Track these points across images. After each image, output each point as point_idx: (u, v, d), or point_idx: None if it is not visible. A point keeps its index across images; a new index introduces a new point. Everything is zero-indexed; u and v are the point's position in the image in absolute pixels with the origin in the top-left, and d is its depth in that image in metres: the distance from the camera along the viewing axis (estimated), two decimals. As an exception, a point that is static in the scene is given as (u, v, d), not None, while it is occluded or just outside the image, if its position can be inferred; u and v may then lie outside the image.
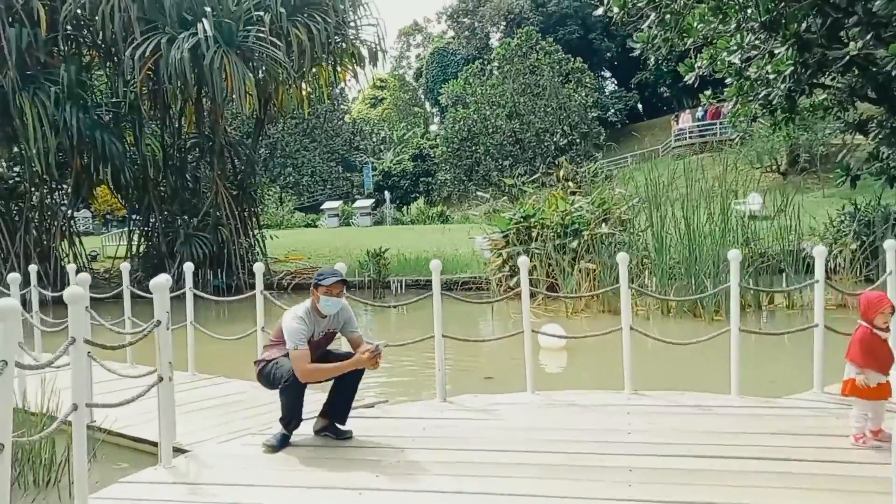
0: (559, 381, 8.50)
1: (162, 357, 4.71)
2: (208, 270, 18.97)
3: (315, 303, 5.22)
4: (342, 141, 48.97)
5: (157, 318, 4.75)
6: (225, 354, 9.37)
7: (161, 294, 4.74)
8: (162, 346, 4.72)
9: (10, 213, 18.49)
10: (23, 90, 16.40)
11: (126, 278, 8.57)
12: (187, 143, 20.47)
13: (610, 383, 6.67)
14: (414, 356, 9.51)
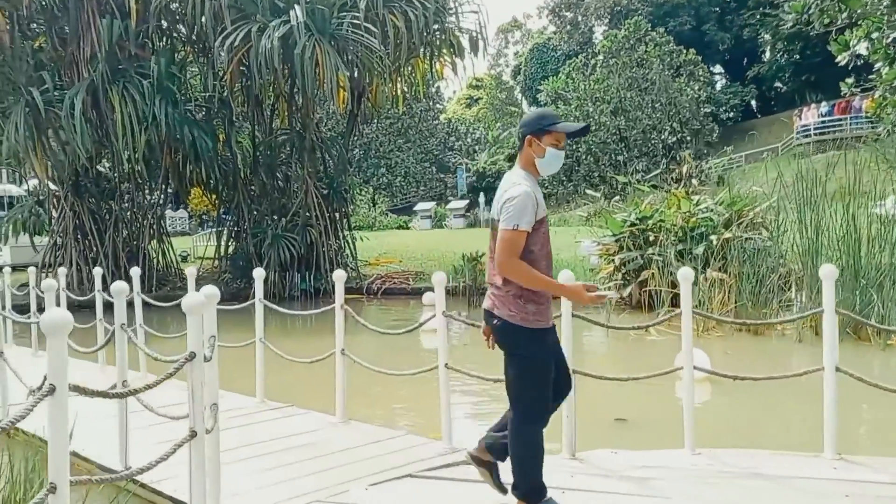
0: (713, 428, 6.79)
1: (195, 404, 3.44)
2: (295, 273, 18.13)
3: (533, 159, 3.60)
4: (437, 141, 48.03)
5: (189, 350, 3.49)
6: (303, 375, 8.16)
7: (196, 317, 3.47)
8: (195, 388, 3.45)
9: (100, 211, 18.24)
10: (113, 84, 16.01)
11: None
12: (278, 140, 19.75)
13: (787, 437, 4.97)
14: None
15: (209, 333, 3.90)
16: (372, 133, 43.24)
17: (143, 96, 15.98)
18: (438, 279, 5.20)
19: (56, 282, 6.87)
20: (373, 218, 35.94)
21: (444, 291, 5.28)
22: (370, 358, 6.30)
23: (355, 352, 6.17)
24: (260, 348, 6.57)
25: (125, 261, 17.77)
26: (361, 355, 6.27)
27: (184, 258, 22.17)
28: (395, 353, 9.68)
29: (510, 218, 3.42)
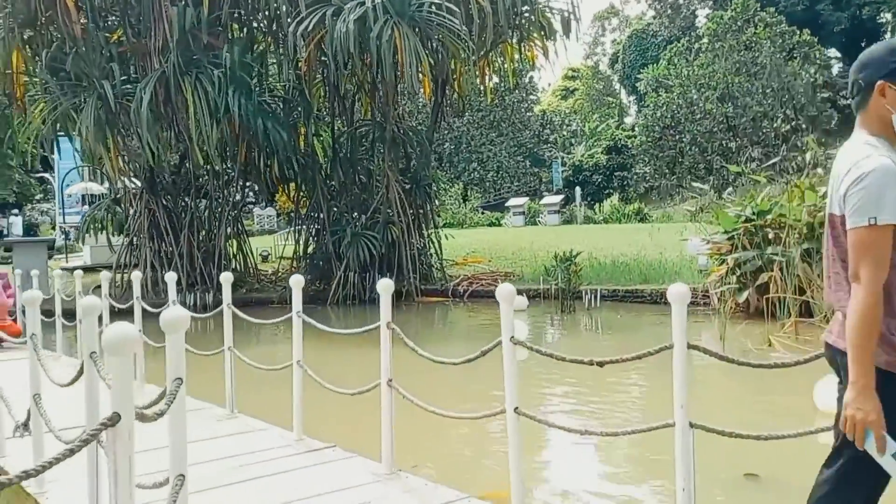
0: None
1: None
2: (376, 273, 16.99)
3: (889, 116, 2.35)
4: (530, 134, 46.23)
5: (113, 410, 2.19)
6: (347, 402, 6.82)
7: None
8: (119, 466, 2.12)
9: (177, 210, 17.70)
10: (185, 75, 15.33)
11: (227, 295, 6.29)
12: (358, 133, 18.70)
13: None
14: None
15: (173, 375, 2.63)
16: (463, 126, 41.96)
17: (216, 87, 15.21)
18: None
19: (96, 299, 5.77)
20: (463, 215, 34.67)
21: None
22: (420, 387, 4.90)
23: (408, 379, 4.77)
24: (298, 374, 5.25)
25: (201, 261, 17.16)
26: (414, 381, 4.88)
27: (264, 258, 21.53)
28: (446, 382, 8.22)
29: (863, 207, 2.21)
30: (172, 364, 2.53)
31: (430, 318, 16.17)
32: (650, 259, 16.20)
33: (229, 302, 5.68)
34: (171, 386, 2.56)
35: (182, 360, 2.56)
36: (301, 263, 18.40)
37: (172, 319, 2.56)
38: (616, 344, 11.49)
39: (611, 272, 15.94)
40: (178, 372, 2.57)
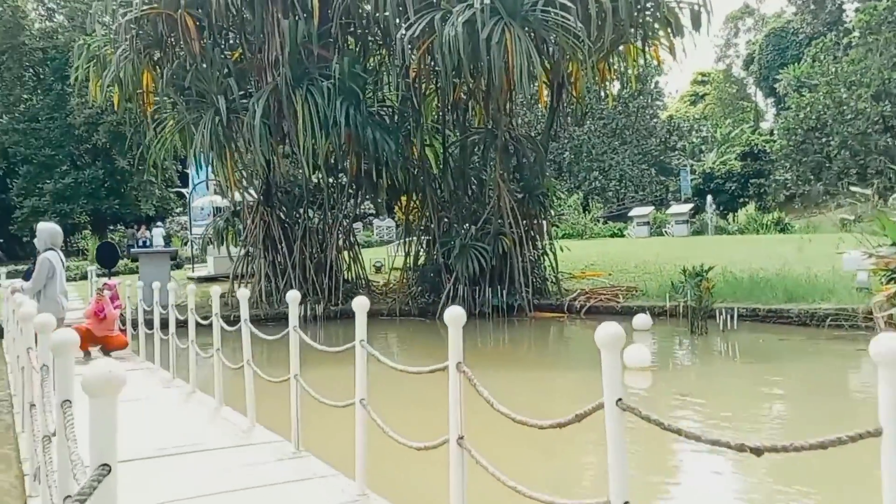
0: None
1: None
2: (486, 286, 16.23)
3: None
4: (656, 141, 44.01)
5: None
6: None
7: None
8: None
9: (290, 221, 17.73)
10: (296, 87, 15.26)
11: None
12: (469, 141, 18.05)
13: None
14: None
15: (62, 397, 2.48)
16: (583, 134, 40.51)
17: (326, 99, 15.04)
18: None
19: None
20: (582, 225, 33.26)
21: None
22: (500, 441, 4.04)
23: (485, 430, 3.93)
24: (361, 415, 4.50)
25: (313, 272, 17.07)
26: (493, 431, 4.02)
27: (378, 268, 21.31)
28: (532, 437, 7.21)
29: None
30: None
31: (542, 335, 15.20)
32: (796, 274, 14.40)
33: (296, 324, 5.09)
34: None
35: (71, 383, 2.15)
36: (411, 275, 17.93)
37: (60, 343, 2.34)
38: (763, 377, 10.04)
39: (749, 289, 14.28)
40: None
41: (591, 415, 2.56)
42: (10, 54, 34.85)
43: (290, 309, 5.13)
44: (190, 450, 5.22)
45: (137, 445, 5.32)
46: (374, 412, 4.24)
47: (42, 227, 7.82)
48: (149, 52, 17.13)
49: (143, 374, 8.88)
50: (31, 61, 35.36)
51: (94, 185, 35.73)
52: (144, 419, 6.31)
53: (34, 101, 35.36)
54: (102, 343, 10.50)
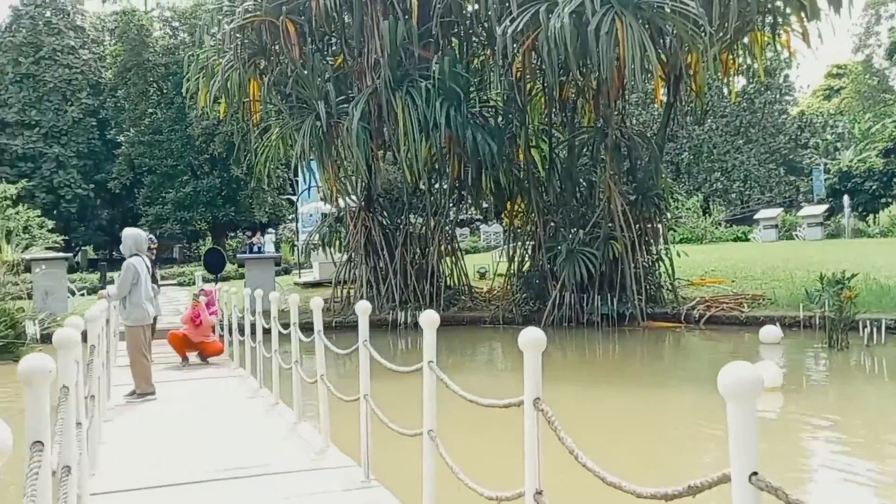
0: None
1: None
2: (595, 293, 15.33)
3: None
4: (785, 139, 41.12)
5: None
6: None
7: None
8: None
9: (392, 226, 17.50)
10: (396, 90, 14.98)
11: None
12: (576, 141, 17.19)
13: None
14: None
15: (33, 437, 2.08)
16: (703, 133, 38.40)
17: (425, 100, 14.67)
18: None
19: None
20: (702, 229, 31.43)
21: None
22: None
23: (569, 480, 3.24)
24: (429, 447, 3.89)
25: (414, 278, 16.73)
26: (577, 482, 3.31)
27: (482, 275, 20.75)
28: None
29: None
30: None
31: (656, 346, 14.14)
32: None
33: (366, 339, 4.57)
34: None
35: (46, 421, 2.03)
36: (515, 281, 17.26)
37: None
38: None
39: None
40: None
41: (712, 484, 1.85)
42: (135, 70, 36.94)
43: (360, 321, 4.63)
44: (257, 472, 4.83)
45: (208, 464, 5.01)
46: (448, 443, 3.64)
47: (127, 232, 7.78)
48: (254, 61, 17.38)
49: (233, 383, 8.72)
50: (155, 77, 37.32)
51: (211, 194, 37.28)
52: (222, 432, 6.02)
53: (158, 115, 37.27)
54: (199, 349, 10.50)
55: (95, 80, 39.72)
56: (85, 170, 38.69)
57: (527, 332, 2.64)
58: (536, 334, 2.65)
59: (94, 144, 39.32)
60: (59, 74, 38.19)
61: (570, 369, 12.08)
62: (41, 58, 38.01)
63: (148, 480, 4.66)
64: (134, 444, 5.69)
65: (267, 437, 5.83)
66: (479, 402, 3.03)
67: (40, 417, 2.04)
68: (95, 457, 4.94)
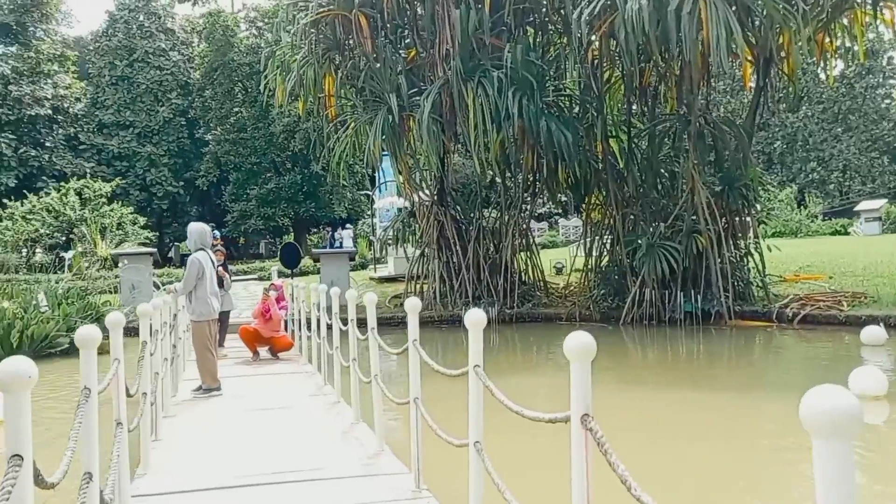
0: None
1: None
2: (677, 290, 14.63)
3: None
4: (890, 125, 38.58)
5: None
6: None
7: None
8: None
9: (466, 219, 17.24)
10: (468, 80, 14.68)
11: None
12: (658, 130, 16.46)
13: None
14: None
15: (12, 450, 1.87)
16: (798, 121, 36.47)
17: (497, 90, 14.31)
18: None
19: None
20: (797, 222, 29.84)
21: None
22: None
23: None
24: (475, 461, 3.56)
25: (487, 273, 16.44)
26: None
27: (558, 270, 20.25)
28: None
29: None
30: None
31: (744, 347, 13.33)
32: None
33: (416, 337, 4.31)
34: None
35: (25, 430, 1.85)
36: (592, 277, 16.70)
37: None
38: None
39: None
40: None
41: None
42: (221, 70, 38.05)
43: (409, 319, 4.36)
44: (308, 477, 4.66)
45: (260, 466, 4.87)
46: (499, 451, 3.34)
47: (191, 227, 7.78)
48: (328, 56, 17.42)
49: (299, 379, 8.65)
50: (240, 76, 38.32)
51: (293, 190, 38.03)
52: (280, 432, 5.91)
53: (243, 113, 38.28)
54: (269, 344, 10.52)
55: (184, 81, 41.15)
56: (175, 168, 40.17)
57: (573, 338, 2.31)
58: (584, 340, 2.31)
59: (184, 143, 40.78)
60: (151, 76, 39.76)
61: (650, 371, 11.52)
62: (135, 60, 39.66)
63: (196, 482, 4.55)
64: (190, 442, 5.63)
65: (323, 438, 5.67)
66: (524, 415, 2.71)
67: (20, 428, 1.86)
68: (147, 456, 4.87)
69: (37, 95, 36.48)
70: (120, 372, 3.60)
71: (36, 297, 12.45)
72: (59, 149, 37.71)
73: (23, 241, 25.92)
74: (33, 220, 27.07)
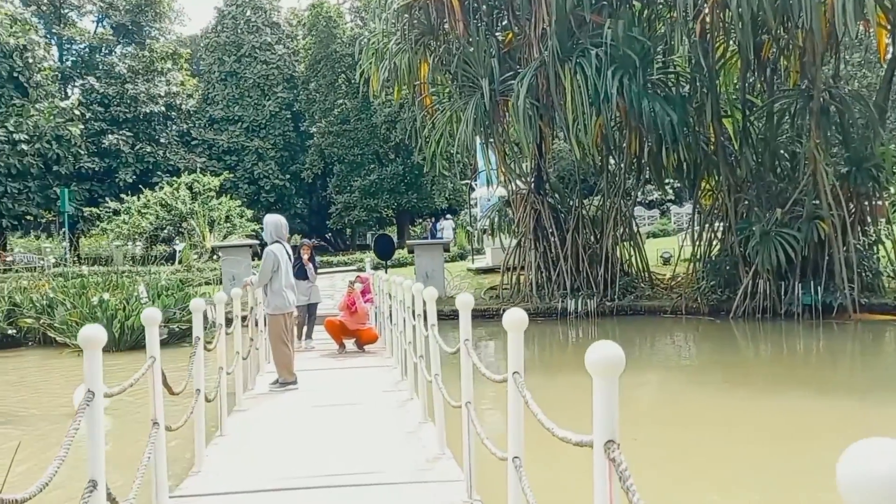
0: None
1: None
2: (795, 281, 13.62)
3: None
4: None
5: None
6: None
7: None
8: None
9: (564, 207, 16.75)
10: (565, 61, 14.18)
11: None
12: (775, 107, 15.35)
13: None
14: None
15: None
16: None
17: (597, 70, 13.74)
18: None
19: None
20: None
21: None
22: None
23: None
24: (513, 476, 3.24)
25: (587, 264, 15.91)
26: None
27: (665, 260, 19.36)
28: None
29: None
30: None
31: (874, 344, 12.23)
32: None
33: (468, 337, 4.04)
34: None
35: None
36: (701, 267, 15.84)
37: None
38: None
39: None
40: None
41: None
42: (324, 62, 38.88)
43: (461, 317, 4.09)
44: (360, 481, 4.51)
45: (318, 467, 4.78)
46: (543, 468, 3.03)
47: (268, 219, 7.81)
48: (422, 41, 17.32)
49: (378, 373, 8.57)
50: (342, 67, 39.01)
51: (395, 181, 38.42)
52: (346, 431, 5.81)
53: (346, 105, 38.97)
54: (355, 336, 10.53)
55: (290, 74, 42.36)
56: (281, 161, 41.47)
57: (597, 350, 1.96)
58: (610, 351, 1.96)
59: (289, 136, 42.01)
60: (258, 70, 41.16)
61: (763, 369, 10.74)
62: (242, 56, 41.19)
63: (244, 483, 4.49)
64: (251, 440, 5.61)
65: (386, 438, 5.51)
66: (554, 433, 2.40)
67: None
68: (202, 455, 4.86)
69: (151, 93, 38.57)
70: (156, 369, 3.55)
71: (137, 288, 13.08)
72: (172, 145, 39.76)
73: (138, 235, 27.49)
74: (148, 214, 28.65)
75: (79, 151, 33.35)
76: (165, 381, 3.75)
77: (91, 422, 2.65)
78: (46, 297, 12.87)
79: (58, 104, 32.23)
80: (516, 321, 2.98)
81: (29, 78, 32.26)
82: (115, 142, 36.74)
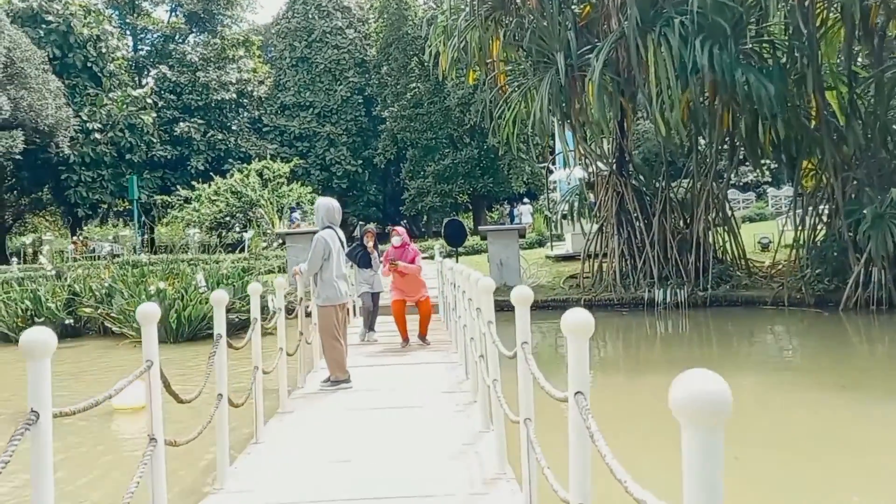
0: None
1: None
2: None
3: None
4: None
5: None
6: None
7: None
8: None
9: (650, 190, 15.85)
10: (647, 31, 13.29)
11: None
12: (885, 77, 14.03)
13: None
14: None
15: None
16: None
17: (683, 40, 12.80)
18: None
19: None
20: None
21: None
22: None
23: None
24: None
25: (675, 251, 15.00)
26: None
27: (764, 246, 18.18)
28: None
29: None
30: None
31: None
32: None
33: (526, 339, 3.46)
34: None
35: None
36: (805, 254, 14.70)
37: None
38: None
39: None
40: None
41: None
42: (395, 45, 38.62)
43: (518, 314, 3.51)
44: (409, 500, 4.00)
45: (358, 483, 4.33)
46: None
47: (319, 202, 7.39)
48: (493, 17, 16.66)
49: (440, 371, 8.05)
50: (414, 50, 38.65)
51: (469, 165, 37.88)
52: (395, 438, 5.33)
53: (419, 88, 38.64)
54: (417, 307, 10.02)
55: (361, 59, 42.33)
56: (353, 146, 41.54)
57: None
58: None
59: (361, 122, 42.03)
60: (329, 55, 41.29)
61: (876, 371, 9.71)
62: (313, 41, 41.39)
63: (273, 498, 4.05)
64: (289, 448, 5.18)
65: (439, 450, 4.97)
66: (628, 489, 1.80)
67: None
68: (223, 468, 4.43)
69: (223, 80, 39.19)
70: (153, 374, 3.11)
71: (195, 277, 12.98)
72: (244, 131, 40.35)
73: (208, 222, 27.90)
74: (218, 201, 29.04)
75: (151, 140, 34.17)
76: (170, 388, 3.32)
77: (36, 444, 2.22)
78: (105, 286, 12.95)
79: (131, 93, 33.07)
80: (580, 325, 2.38)
81: (102, 68, 33.19)
82: (187, 129, 37.53)
